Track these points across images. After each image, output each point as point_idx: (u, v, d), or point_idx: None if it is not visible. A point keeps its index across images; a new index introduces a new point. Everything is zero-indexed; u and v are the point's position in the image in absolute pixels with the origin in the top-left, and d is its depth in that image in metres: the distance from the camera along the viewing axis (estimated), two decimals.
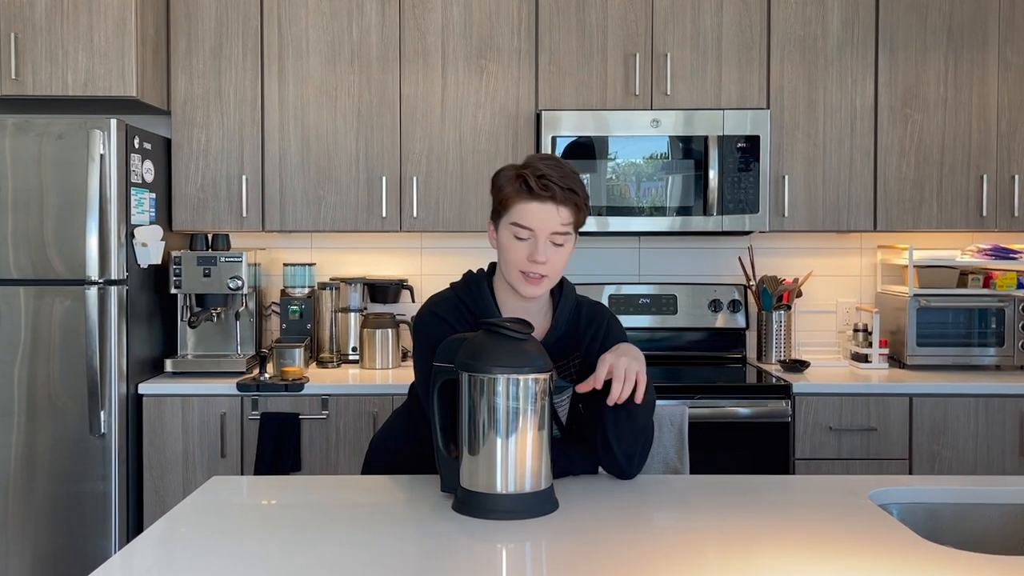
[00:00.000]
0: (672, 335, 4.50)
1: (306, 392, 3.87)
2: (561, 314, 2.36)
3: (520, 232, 2.22)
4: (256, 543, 1.88)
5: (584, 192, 2.25)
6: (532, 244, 2.22)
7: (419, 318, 2.38)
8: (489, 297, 2.33)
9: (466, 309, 2.34)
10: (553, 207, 2.20)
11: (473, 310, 2.33)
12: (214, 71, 4.19)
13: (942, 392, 3.90)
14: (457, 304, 2.35)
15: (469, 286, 2.38)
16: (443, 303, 2.37)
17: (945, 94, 4.22)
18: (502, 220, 2.26)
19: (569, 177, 2.22)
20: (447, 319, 2.32)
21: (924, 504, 2.26)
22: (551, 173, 2.20)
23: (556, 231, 2.21)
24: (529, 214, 2.20)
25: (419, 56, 4.20)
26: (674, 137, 4.11)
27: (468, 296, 2.36)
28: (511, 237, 2.24)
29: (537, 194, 2.18)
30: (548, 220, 2.20)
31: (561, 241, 2.23)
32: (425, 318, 2.36)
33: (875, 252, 4.64)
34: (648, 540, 1.90)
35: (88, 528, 3.70)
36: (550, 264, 2.23)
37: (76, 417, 3.69)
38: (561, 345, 2.36)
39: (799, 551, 1.84)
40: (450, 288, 2.43)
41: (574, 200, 2.21)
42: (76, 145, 3.66)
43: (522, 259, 2.23)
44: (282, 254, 4.60)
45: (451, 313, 2.34)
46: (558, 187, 2.18)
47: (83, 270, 3.65)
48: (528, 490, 2.02)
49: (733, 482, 2.35)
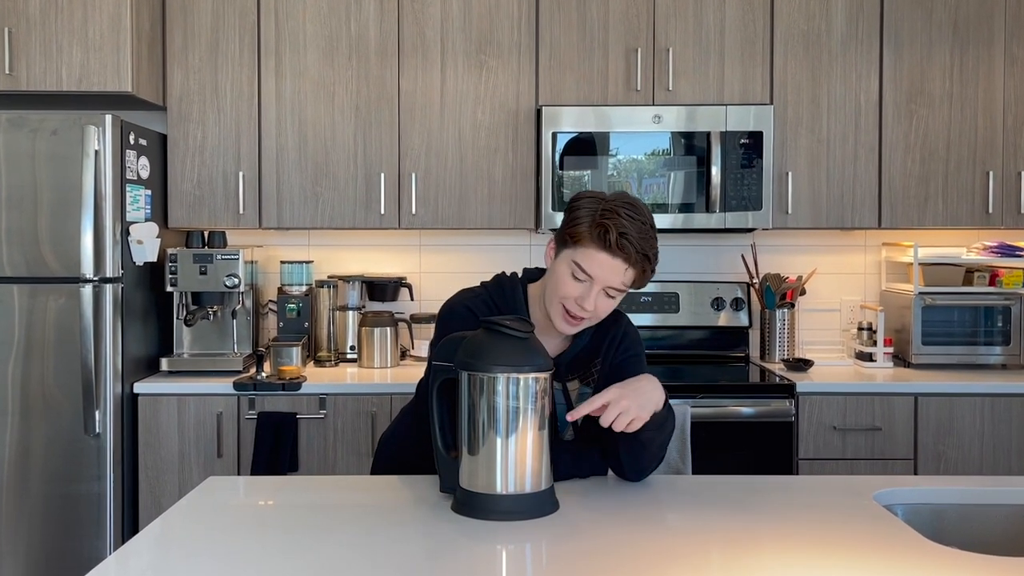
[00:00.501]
0: (674, 334, 4.50)
1: (304, 391, 3.86)
2: (587, 331, 2.36)
3: (580, 274, 2.20)
4: (253, 544, 1.88)
5: (656, 257, 2.22)
6: (586, 289, 2.20)
7: (449, 309, 2.37)
8: (523, 303, 2.34)
9: (496, 311, 2.34)
10: (622, 266, 2.18)
11: (503, 313, 2.33)
12: (210, 66, 4.18)
13: (948, 391, 3.90)
14: (488, 303, 2.36)
15: (503, 288, 2.38)
16: (475, 299, 2.36)
17: (951, 89, 4.22)
18: (566, 251, 2.23)
19: (647, 239, 2.19)
20: (478, 315, 2.31)
21: (929, 505, 2.26)
22: (631, 231, 2.16)
23: (614, 286, 2.20)
24: (596, 264, 2.18)
25: (418, 51, 4.19)
26: (676, 133, 4.11)
27: (501, 298, 2.36)
28: (568, 273, 2.22)
29: (612, 248, 2.16)
30: (612, 275, 2.19)
31: (615, 295, 2.23)
32: (457, 309, 2.36)
33: (880, 249, 4.64)
34: (650, 541, 1.89)
35: (83, 529, 3.70)
36: (595, 313, 2.23)
37: (71, 417, 3.68)
38: (585, 355, 2.38)
39: (803, 552, 1.84)
40: (481, 286, 2.43)
41: (645, 266, 2.19)
42: (71, 141, 3.66)
43: (571, 299, 2.22)
44: (279, 251, 4.60)
45: (481, 311, 2.34)
46: (635, 250, 2.16)
47: (78, 268, 3.64)
48: (528, 491, 2.02)
49: (736, 483, 2.35)
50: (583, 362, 2.38)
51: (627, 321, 2.45)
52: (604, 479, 2.37)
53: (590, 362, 2.39)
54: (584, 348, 2.37)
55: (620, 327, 2.42)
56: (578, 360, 2.38)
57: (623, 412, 2.10)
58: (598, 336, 2.40)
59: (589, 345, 2.38)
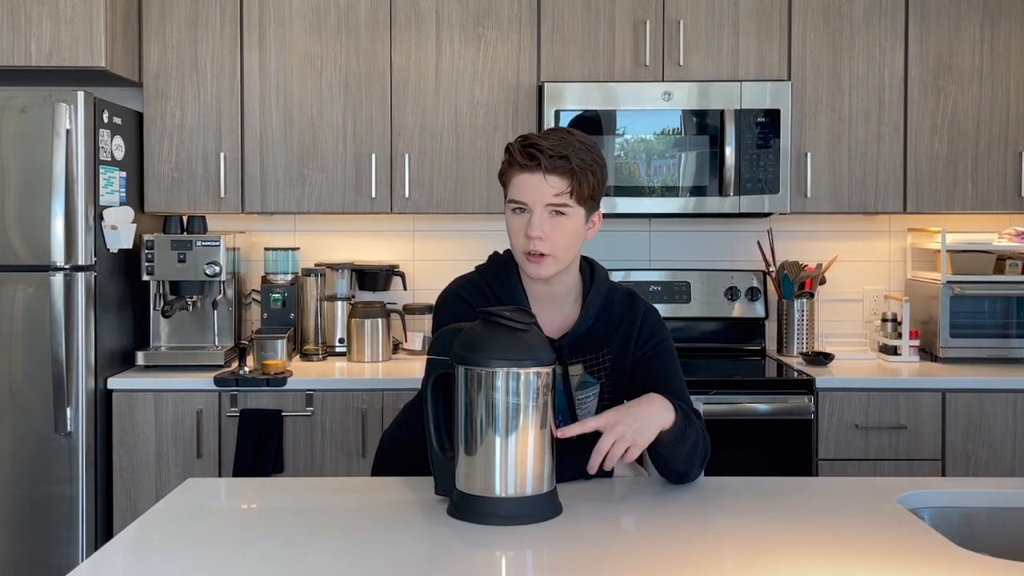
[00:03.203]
0: (685, 325, 4.50)
1: (289, 387, 3.86)
2: (592, 303, 2.36)
3: (517, 207, 2.25)
4: (235, 551, 1.88)
5: (583, 159, 2.23)
6: (528, 219, 2.24)
7: (442, 298, 2.39)
8: (517, 281, 2.35)
9: (491, 293, 2.36)
10: (541, 176, 2.21)
11: (499, 294, 2.35)
12: (189, 40, 4.17)
13: (977, 387, 3.90)
14: (482, 287, 2.37)
15: (495, 268, 2.40)
16: (468, 285, 2.38)
17: (980, 65, 4.21)
18: (505, 201, 2.29)
19: (564, 144, 2.22)
20: (471, 303, 2.32)
21: (958, 508, 2.25)
22: (540, 142, 2.21)
23: (550, 203, 2.22)
24: (521, 188, 2.24)
25: (411, 23, 4.18)
26: (687, 111, 4.10)
27: (495, 279, 2.38)
28: (511, 215, 2.27)
29: (524, 164, 2.22)
30: (540, 190, 2.22)
31: (560, 212, 2.23)
32: (449, 299, 2.38)
33: (905, 235, 4.63)
34: (658, 547, 1.89)
35: (53, 534, 3.70)
36: (550, 240, 2.23)
37: (40, 414, 3.68)
38: (592, 338, 2.36)
39: (822, 559, 1.83)
40: (475, 270, 2.45)
41: (565, 167, 2.21)
42: (40, 120, 3.65)
43: (522, 237, 2.25)
44: (263, 238, 4.59)
45: (475, 297, 2.35)
46: (545, 155, 2.19)
47: (47, 255, 3.63)
48: (529, 493, 2.02)
49: (751, 484, 2.35)
50: (588, 345, 2.37)
51: (644, 306, 2.43)
52: (610, 481, 2.37)
53: (598, 349, 2.37)
54: (590, 329, 2.36)
55: (636, 315, 2.40)
56: (583, 342, 2.36)
57: (618, 439, 2.08)
58: (608, 321, 2.38)
59: (597, 327, 2.37)
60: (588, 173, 2.24)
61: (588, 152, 2.25)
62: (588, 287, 2.39)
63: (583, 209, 2.27)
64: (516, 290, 2.34)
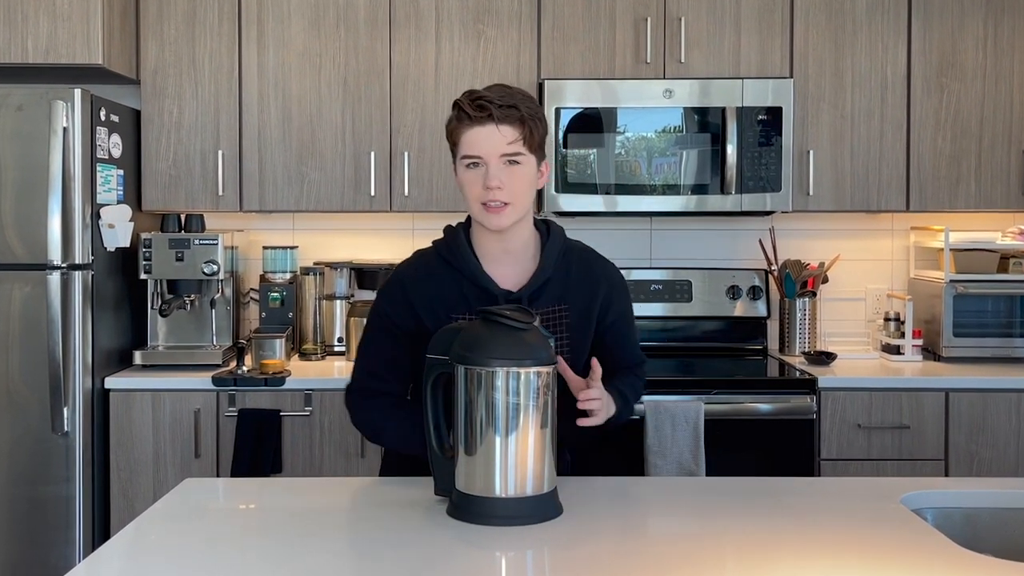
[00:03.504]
0: (686, 324, 4.50)
1: (288, 387, 3.86)
2: (550, 254, 2.42)
3: (471, 161, 2.32)
4: (233, 551, 1.88)
5: (531, 108, 2.31)
6: (484, 171, 2.30)
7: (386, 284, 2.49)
8: (465, 244, 2.41)
9: (445, 261, 2.42)
10: (493, 127, 2.28)
11: (449, 260, 2.42)
12: (187, 37, 4.17)
13: (981, 387, 3.90)
14: (435, 256, 2.45)
15: (445, 236, 2.48)
16: (411, 264, 2.49)
17: (984, 62, 4.21)
18: (456, 160, 2.37)
19: (510, 95, 2.31)
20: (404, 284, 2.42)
21: (962, 509, 2.26)
22: (486, 94, 2.30)
23: (504, 152, 2.29)
24: (473, 141, 2.30)
25: (411, 20, 4.18)
26: (689, 109, 4.10)
27: (446, 248, 2.45)
28: (465, 171, 2.34)
29: (476, 117, 2.28)
30: (492, 142, 2.28)
31: (515, 160, 2.30)
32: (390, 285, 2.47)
33: (908, 234, 4.63)
34: (659, 548, 1.89)
35: (50, 534, 3.70)
36: (507, 189, 2.30)
37: (37, 414, 3.68)
38: (549, 293, 2.41)
39: (825, 560, 1.83)
40: (431, 244, 2.53)
41: (515, 116, 2.28)
42: (37, 117, 3.64)
43: (479, 190, 2.31)
44: (261, 236, 4.59)
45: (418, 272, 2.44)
46: (495, 105, 2.27)
47: (44, 254, 3.63)
48: (529, 494, 2.02)
49: (753, 485, 2.35)
50: (546, 300, 2.40)
51: (612, 271, 2.53)
52: (610, 481, 2.37)
53: (555, 303, 2.41)
54: (548, 285, 2.40)
55: (604, 278, 2.49)
56: (540, 296, 2.40)
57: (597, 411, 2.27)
58: (567, 278, 2.44)
59: (555, 283, 2.42)
60: (536, 120, 2.32)
61: (532, 101, 2.34)
62: (545, 241, 2.45)
63: (534, 157, 2.35)
64: (464, 252, 2.40)
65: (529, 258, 2.43)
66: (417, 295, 2.40)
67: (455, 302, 2.38)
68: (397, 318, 2.41)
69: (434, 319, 2.36)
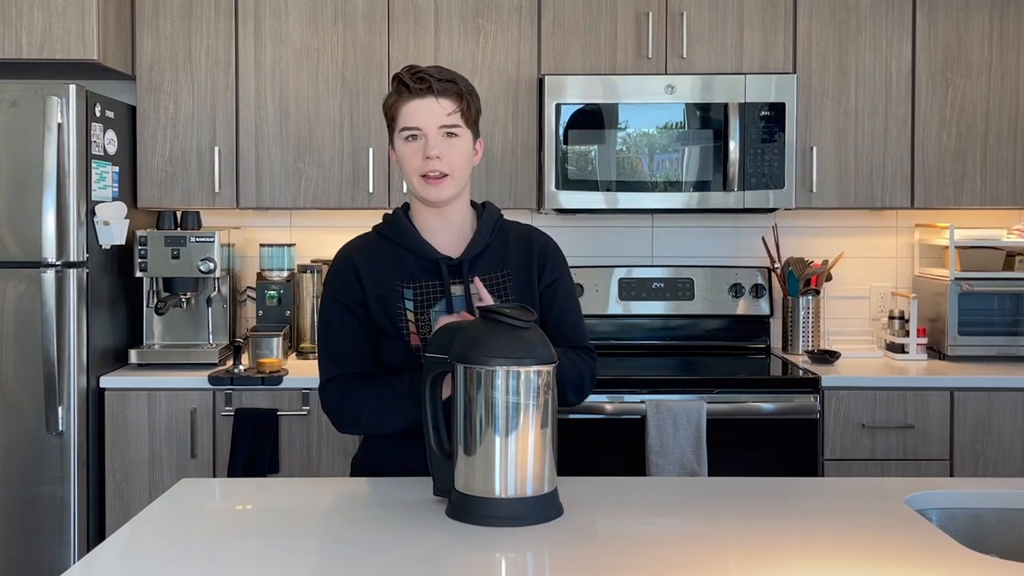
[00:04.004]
0: (688, 323, 4.50)
1: (285, 386, 3.86)
2: (486, 221, 2.49)
3: (409, 134, 2.38)
4: (230, 552, 1.87)
5: (467, 84, 2.41)
6: (423, 143, 2.38)
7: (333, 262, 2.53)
8: (406, 223, 2.47)
9: (386, 239, 2.48)
10: (433, 99, 2.35)
11: (390, 236, 2.47)
12: (183, 32, 4.17)
13: (986, 386, 3.90)
14: (376, 236, 2.51)
15: (385, 217, 2.53)
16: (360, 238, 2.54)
17: (990, 57, 4.20)
18: (394, 134, 2.42)
19: (448, 72, 2.40)
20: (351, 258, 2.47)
21: (967, 510, 2.25)
22: (424, 69, 2.38)
23: (443, 124, 2.37)
24: (413, 114, 2.36)
25: (409, 15, 4.18)
26: (691, 104, 4.10)
27: (385, 227, 2.51)
28: (404, 144, 2.40)
29: (415, 90, 2.35)
30: (432, 114, 2.36)
31: (453, 132, 2.38)
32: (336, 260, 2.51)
33: (912, 231, 4.63)
34: (661, 549, 1.89)
35: (44, 535, 3.70)
36: (447, 160, 2.37)
37: (31, 414, 3.68)
38: (491, 259, 2.47)
39: (828, 560, 1.83)
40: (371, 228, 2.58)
41: (454, 90, 2.37)
42: (31, 113, 3.64)
43: (418, 162, 2.38)
44: (258, 234, 4.59)
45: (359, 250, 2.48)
46: (435, 79, 2.35)
47: (39, 251, 3.63)
48: (530, 494, 2.02)
49: (755, 485, 2.35)
50: (487, 265, 2.46)
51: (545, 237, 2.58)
52: (611, 482, 2.37)
53: (497, 269, 2.46)
54: (488, 251, 2.47)
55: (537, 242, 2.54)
56: (481, 262, 2.45)
57: None
58: (506, 244, 2.50)
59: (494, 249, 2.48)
60: (472, 96, 2.42)
61: (467, 80, 2.43)
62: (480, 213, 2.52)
63: (470, 131, 2.43)
64: (405, 228, 2.45)
65: (467, 231, 2.49)
66: (363, 264, 2.45)
67: (398, 271, 2.43)
68: (349, 290, 2.45)
69: (376, 288, 2.42)
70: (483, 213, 2.51)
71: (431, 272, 2.42)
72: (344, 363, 2.44)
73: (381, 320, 2.41)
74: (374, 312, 2.42)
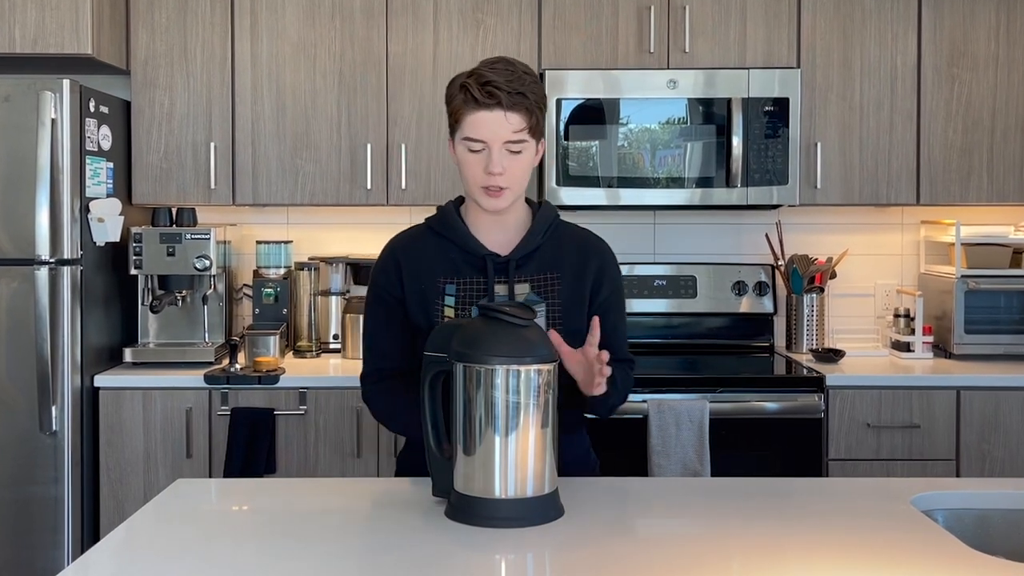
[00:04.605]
0: (691, 321, 4.50)
1: (282, 385, 3.86)
2: (540, 223, 2.46)
3: (473, 145, 2.33)
4: (225, 554, 1.87)
5: (537, 93, 2.33)
6: (486, 156, 2.31)
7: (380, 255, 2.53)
8: (456, 218, 2.45)
9: (436, 234, 2.46)
10: (501, 114, 2.29)
11: (439, 230, 2.45)
12: (179, 26, 4.17)
13: (993, 385, 3.90)
14: (426, 228, 2.50)
15: (438, 211, 2.51)
16: (409, 231, 2.53)
17: (996, 52, 4.20)
18: (456, 136, 2.37)
19: (519, 80, 2.31)
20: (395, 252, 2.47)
21: (973, 510, 2.25)
22: (496, 78, 2.29)
23: (509, 139, 2.31)
24: (478, 125, 2.30)
25: (407, 9, 4.18)
26: (693, 100, 4.10)
27: (435, 220, 2.49)
28: (466, 152, 2.35)
29: (483, 103, 2.28)
30: (498, 129, 2.30)
31: (517, 149, 2.33)
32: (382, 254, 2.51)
33: (918, 228, 4.63)
34: (663, 549, 1.89)
35: (38, 537, 3.70)
36: (508, 175, 2.33)
37: (24, 413, 3.68)
38: (541, 260, 2.44)
39: (832, 562, 1.83)
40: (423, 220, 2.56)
41: (523, 104, 2.30)
42: (24, 109, 3.64)
43: (479, 173, 2.33)
44: (255, 230, 4.59)
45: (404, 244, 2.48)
46: (504, 92, 2.28)
47: (32, 248, 3.63)
48: (530, 495, 2.02)
49: (759, 485, 2.35)
50: (537, 266, 2.43)
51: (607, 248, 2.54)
52: (613, 482, 2.37)
53: (547, 270, 2.43)
54: (540, 251, 2.44)
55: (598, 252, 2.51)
56: (531, 262, 2.43)
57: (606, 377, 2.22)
58: (560, 246, 2.47)
59: (547, 250, 2.45)
60: (541, 107, 2.36)
61: (537, 85, 2.35)
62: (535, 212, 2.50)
63: (535, 141, 2.38)
64: (456, 225, 2.44)
65: (521, 230, 2.46)
66: (405, 259, 2.45)
67: (443, 266, 2.42)
68: (388, 285, 2.46)
69: (416, 283, 2.41)
70: (538, 213, 2.49)
71: (477, 269, 2.40)
72: (381, 357, 2.48)
73: (417, 317, 2.41)
74: (411, 310, 2.42)
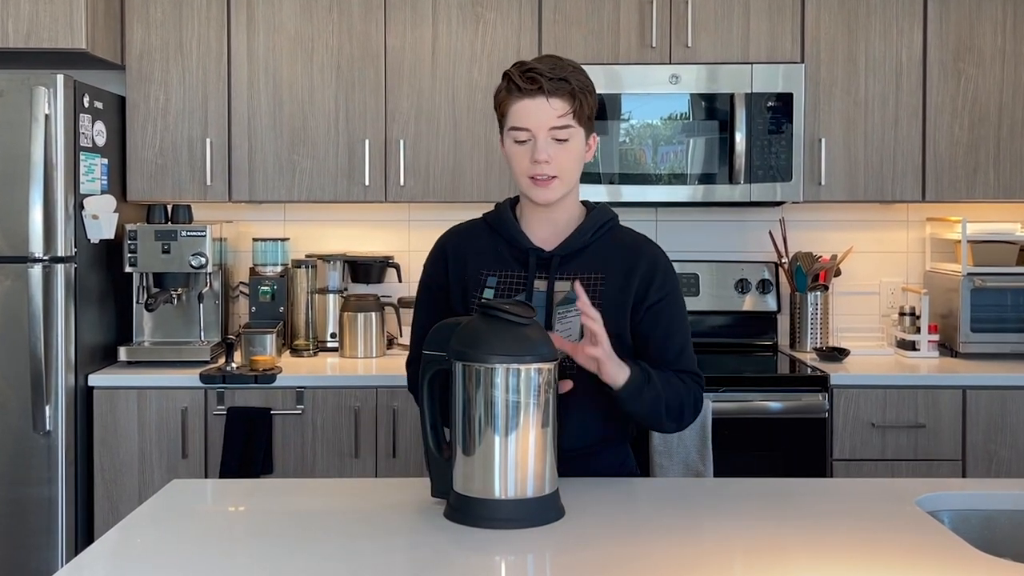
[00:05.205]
0: (693, 319, 4.43)
1: (279, 384, 3.86)
2: (588, 225, 2.45)
3: (519, 135, 2.34)
4: (222, 555, 1.87)
5: (580, 81, 2.34)
6: (532, 144, 2.33)
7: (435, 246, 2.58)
8: (508, 212, 2.47)
9: (489, 228, 2.49)
10: (544, 100, 2.30)
11: (496, 228, 2.47)
12: (174, 20, 4.16)
13: (999, 384, 3.90)
14: (480, 221, 2.53)
15: (495, 207, 2.53)
16: (466, 223, 2.57)
17: (1003, 46, 4.20)
18: (504, 131, 2.39)
19: (561, 68, 2.33)
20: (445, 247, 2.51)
21: (979, 511, 2.26)
22: (537, 65, 2.32)
23: (554, 126, 2.32)
24: (521, 113, 2.33)
25: (406, 3, 4.17)
26: (696, 95, 4.10)
27: (493, 216, 2.51)
28: (513, 144, 2.37)
29: (525, 90, 2.31)
30: (542, 115, 2.31)
31: (564, 136, 2.33)
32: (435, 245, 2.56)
33: (924, 225, 4.63)
34: (665, 551, 1.89)
35: (31, 538, 3.70)
36: (556, 163, 2.33)
37: (18, 413, 3.68)
38: (587, 259, 2.43)
39: (836, 563, 1.83)
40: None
41: (566, 89, 2.31)
42: (17, 104, 3.64)
43: (526, 163, 2.34)
44: (251, 228, 4.59)
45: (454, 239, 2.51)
46: (545, 78, 2.29)
47: (25, 246, 3.63)
48: (530, 495, 2.02)
49: (762, 486, 2.35)
50: (582, 265, 2.42)
51: (659, 251, 2.50)
52: (613, 483, 2.37)
53: (592, 271, 2.42)
54: (587, 250, 2.43)
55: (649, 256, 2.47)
56: (576, 260, 2.42)
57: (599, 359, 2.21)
58: (608, 247, 2.46)
59: (595, 250, 2.44)
60: (586, 93, 2.35)
61: (582, 73, 2.37)
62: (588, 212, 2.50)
63: (583, 130, 2.37)
64: (509, 222, 2.45)
65: (571, 228, 2.46)
66: (452, 249, 2.49)
67: (489, 258, 2.44)
68: (435, 273, 2.51)
69: (460, 273, 2.44)
70: (591, 212, 2.48)
71: (521, 262, 2.42)
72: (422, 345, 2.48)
73: (459, 307, 2.43)
74: (453, 300, 2.45)
